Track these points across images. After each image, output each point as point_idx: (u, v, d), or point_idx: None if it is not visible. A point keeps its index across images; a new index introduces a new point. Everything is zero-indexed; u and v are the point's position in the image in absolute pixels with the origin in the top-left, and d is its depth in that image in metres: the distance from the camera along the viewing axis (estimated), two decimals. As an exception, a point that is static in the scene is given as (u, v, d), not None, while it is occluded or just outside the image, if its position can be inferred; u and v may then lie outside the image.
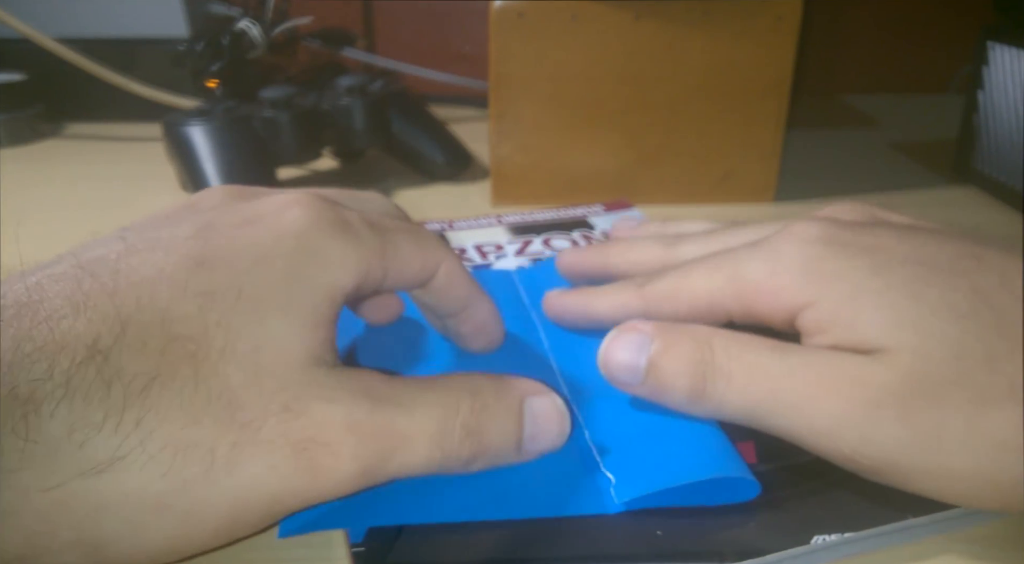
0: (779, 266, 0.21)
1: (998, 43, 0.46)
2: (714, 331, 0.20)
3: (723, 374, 0.19)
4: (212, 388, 0.17)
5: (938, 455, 0.18)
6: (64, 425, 0.15)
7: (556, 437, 0.21)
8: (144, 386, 0.16)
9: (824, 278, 0.20)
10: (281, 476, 0.17)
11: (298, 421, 0.17)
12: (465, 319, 0.24)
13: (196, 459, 0.16)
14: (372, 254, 0.20)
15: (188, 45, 0.59)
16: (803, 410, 0.19)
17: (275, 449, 0.17)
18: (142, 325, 0.17)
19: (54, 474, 0.15)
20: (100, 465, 0.15)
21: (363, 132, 0.48)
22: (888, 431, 0.18)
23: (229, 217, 0.19)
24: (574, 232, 0.40)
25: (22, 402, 0.15)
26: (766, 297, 0.21)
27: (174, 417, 0.16)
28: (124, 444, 0.16)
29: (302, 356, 0.18)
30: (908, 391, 0.18)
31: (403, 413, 0.18)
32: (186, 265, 0.18)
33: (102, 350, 0.16)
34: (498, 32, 0.42)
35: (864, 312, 0.19)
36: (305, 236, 0.19)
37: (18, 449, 0.15)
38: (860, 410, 0.18)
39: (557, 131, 0.44)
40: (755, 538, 0.19)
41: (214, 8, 0.65)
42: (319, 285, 0.19)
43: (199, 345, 0.17)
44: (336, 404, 0.17)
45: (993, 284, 0.19)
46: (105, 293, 0.17)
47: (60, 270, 0.17)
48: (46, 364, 0.15)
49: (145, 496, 0.16)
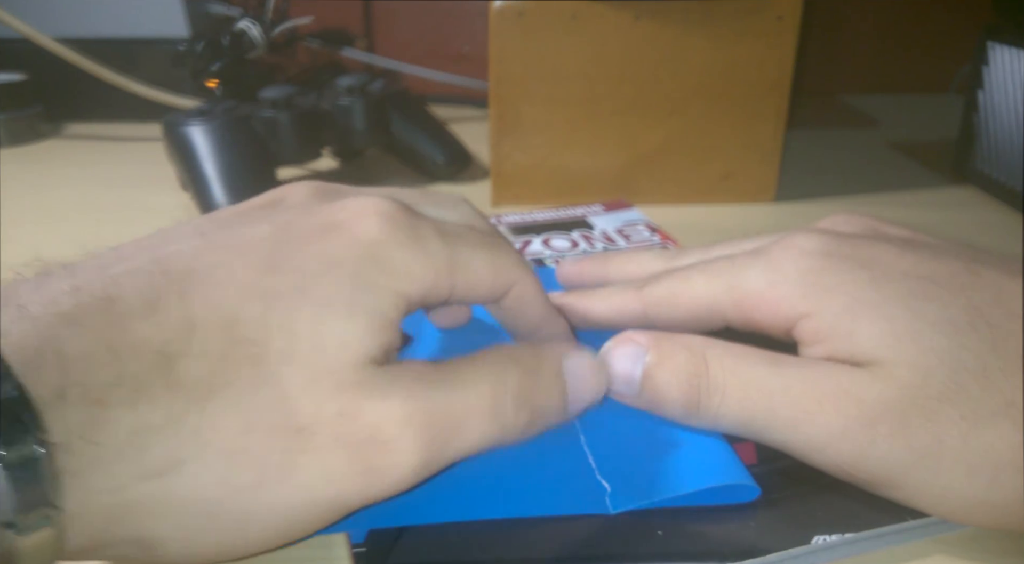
0: (778, 277, 0.21)
1: (998, 43, 0.46)
2: (710, 343, 0.20)
3: (718, 387, 0.19)
4: (270, 393, 0.17)
5: (935, 472, 0.18)
6: (128, 429, 0.16)
7: (595, 391, 0.21)
8: (206, 392, 0.16)
9: (823, 290, 0.20)
10: (337, 481, 0.17)
11: (353, 424, 0.17)
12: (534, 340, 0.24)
13: (250, 466, 0.16)
14: (440, 269, 0.20)
15: (188, 45, 0.59)
16: (800, 425, 0.19)
17: (330, 455, 0.17)
18: (209, 329, 0.17)
19: (117, 477, 0.15)
20: (159, 469, 0.16)
21: (363, 132, 0.48)
22: (885, 446, 0.18)
23: (307, 220, 0.19)
24: (574, 232, 0.40)
25: (92, 406, 0.15)
26: (765, 306, 0.21)
27: (231, 423, 0.16)
28: (181, 449, 0.16)
29: (360, 358, 0.18)
30: (905, 406, 0.18)
31: (456, 395, 0.18)
32: (257, 269, 0.18)
33: (170, 355, 0.16)
34: (498, 32, 0.42)
35: (862, 324, 0.19)
36: (376, 245, 0.19)
37: (85, 451, 0.15)
38: (856, 425, 0.18)
39: (557, 131, 0.44)
40: (755, 538, 0.19)
41: (214, 8, 0.65)
42: (383, 291, 0.19)
43: (261, 348, 0.17)
44: (390, 400, 0.17)
45: (989, 301, 0.19)
46: (177, 294, 0.17)
47: (137, 263, 0.18)
48: (117, 368, 0.16)
49: (199, 501, 0.16)
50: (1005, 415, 0.18)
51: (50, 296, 0.16)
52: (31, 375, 0.15)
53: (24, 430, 0.14)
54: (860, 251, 0.21)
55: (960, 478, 0.18)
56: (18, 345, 0.15)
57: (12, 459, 0.14)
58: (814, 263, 0.21)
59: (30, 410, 0.14)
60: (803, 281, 0.21)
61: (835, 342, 0.20)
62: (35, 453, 0.14)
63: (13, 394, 0.14)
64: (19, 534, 0.14)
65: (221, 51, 0.59)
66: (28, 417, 0.14)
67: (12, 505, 0.14)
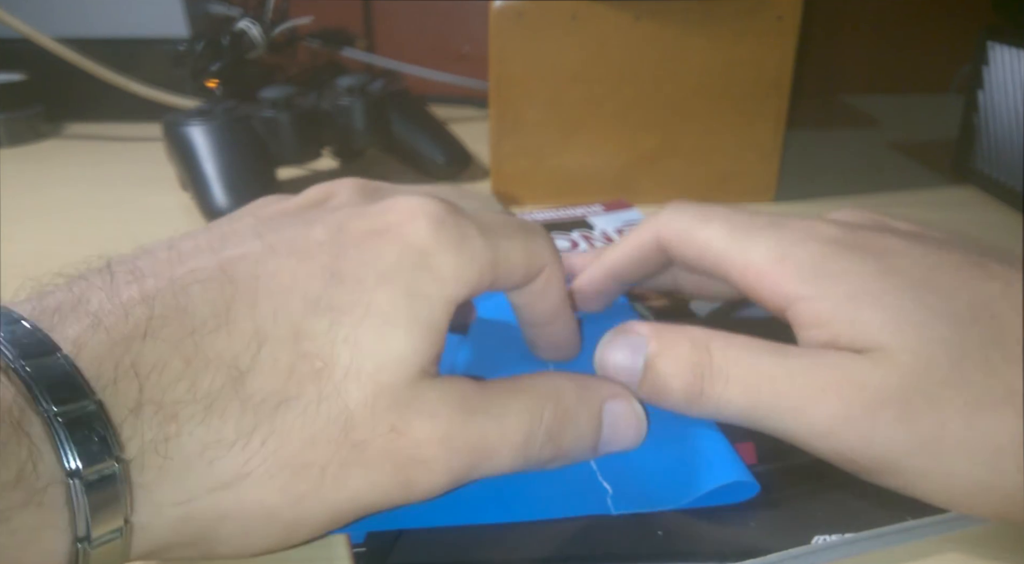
0: (787, 255, 0.21)
1: (998, 43, 0.46)
2: (712, 333, 0.20)
3: (721, 377, 0.19)
4: (332, 408, 0.17)
5: (937, 457, 0.18)
6: (199, 444, 0.16)
7: (632, 440, 0.21)
8: (274, 406, 0.17)
9: (828, 275, 0.20)
10: (380, 491, 0.18)
11: (401, 440, 0.18)
12: (543, 333, 0.24)
13: (310, 477, 0.17)
14: (485, 266, 0.20)
15: (188, 45, 0.59)
16: (803, 412, 0.19)
17: (378, 467, 0.17)
18: (276, 341, 0.17)
19: (185, 490, 0.16)
20: (227, 481, 0.16)
21: (363, 132, 0.48)
22: (888, 432, 0.18)
23: (359, 223, 0.20)
24: (574, 232, 0.40)
25: (166, 422, 0.16)
26: (768, 280, 0.21)
27: (295, 438, 0.17)
28: (249, 462, 0.16)
29: (415, 374, 0.18)
30: (908, 392, 0.18)
31: (494, 425, 0.19)
32: (320, 276, 0.18)
33: (241, 369, 0.17)
34: (498, 32, 0.42)
35: (865, 311, 0.19)
36: (427, 253, 0.19)
37: (156, 466, 0.15)
38: (860, 411, 0.18)
39: (557, 131, 0.44)
40: (755, 538, 0.19)
41: (214, 8, 0.65)
42: (435, 301, 0.19)
43: (326, 363, 0.17)
44: (436, 420, 0.18)
45: (995, 293, 0.19)
46: (246, 305, 0.17)
47: (202, 267, 0.18)
48: (189, 383, 0.16)
49: (261, 508, 0.17)
50: (1008, 403, 0.18)
51: (122, 305, 0.16)
52: (109, 390, 0.15)
53: (103, 447, 0.15)
54: (868, 242, 0.21)
55: (962, 464, 0.18)
56: (96, 359, 0.15)
57: (90, 476, 0.14)
58: (823, 249, 0.21)
59: (108, 427, 0.15)
60: (811, 263, 0.21)
61: (836, 327, 0.19)
62: (112, 469, 0.15)
63: (91, 409, 0.15)
64: (91, 547, 0.14)
65: (221, 51, 0.59)
66: (106, 433, 0.15)
67: (87, 520, 0.14)
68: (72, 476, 0.14)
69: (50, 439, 0.14)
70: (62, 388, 0.15)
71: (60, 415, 0.14)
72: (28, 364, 0.15)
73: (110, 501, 0.15)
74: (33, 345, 0.15)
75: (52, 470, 0.14)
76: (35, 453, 0.14)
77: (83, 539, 0.14)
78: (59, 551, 0.14)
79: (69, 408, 0.14)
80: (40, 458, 0.14)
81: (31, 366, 0.15)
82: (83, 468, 0.14)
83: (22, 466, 0.14)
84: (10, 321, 0.16)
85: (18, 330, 0.15)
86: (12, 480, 0.14)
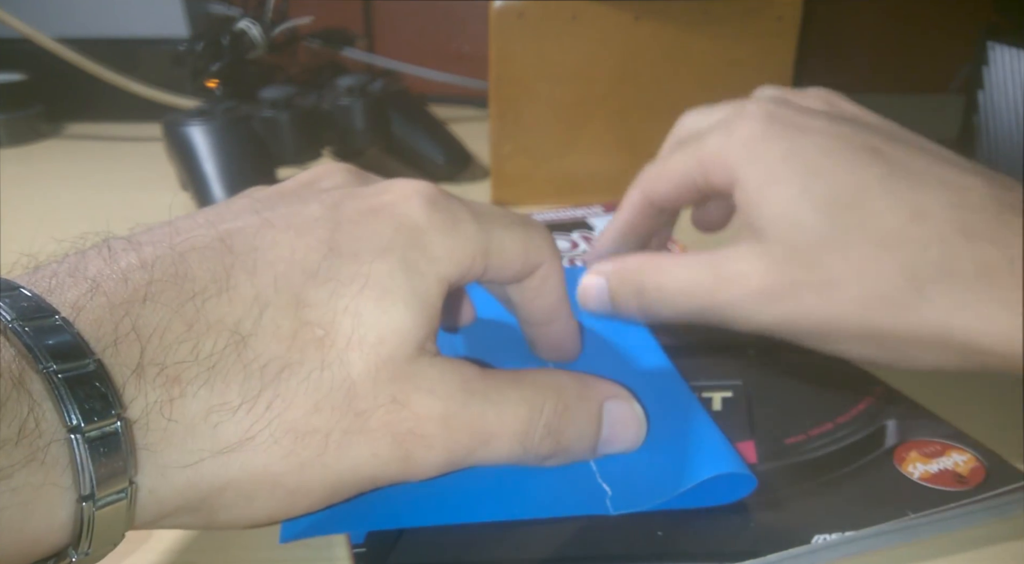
0: (729, 140, 0.22)
1: (998, 43, 0.46)
2: (648, 257, 0.24)
3: (654, 288, 0.23)
4: (335, 375, 0.17)
5: (828, 287, 0.20)
6: (203, 406, 0.16)
7: (631, 442, 0.21)
8: (277, 371, 0.17)
9: (754, 159, 0.22)
10: (381, 462, 0.18)
11: (402, 412, 0.18)
12: (543, 333, 0.25)
13: (313, 443, 0.17)
14: (476, 251, 0.20)
15: (188, 45, 0.59)
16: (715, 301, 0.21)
17: (379, 438, 0.18)
18: (278, 308, 0.17)
19: (190, 453, 0.16)
20: (231, 446, 0.16)
21: (363, 132, 0.48)
22: (772, 311, 0.20)
23: (355, 202, 0.20)
24: (574, 233, 0.40)
25: (169, 384, 0.16)
26: (717, 168, 0.23)
27: (299, 403, 0.17)
28: (254, 426, 0.16)
29: (415, 346, 0.18)
30: (788, 274, 0.20)
31: (493, 410, 0.19)
32: (318, 249, 0.18)
33: (243, 334, 0.17)
34: (498, 32, 0.42)
35: (765, 200, 0.21)
36: (420, 230, 0.19)
37: (161, 428, 0.15)
38: (752, 298, 0.21)
39: (557, 131, 0.44)
40: (755, 538, 0.19)
41: (214, 8, 0.65)
42: (429, 277, 0.19)
43: (327, 331, 0.17)
44: (436, 397, 0.18)
45: (899, 166, 0.21)
46: (245, 272, 0.17)
47: (200, 236, 0.18)
48: (192, 345, 0.16)
49: (265, 475, 0.17)
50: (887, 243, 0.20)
51: (120, 271, 0.16)
52: (109, 351, 0.15)
53: (105, 405, 0.14)
54: (795, 119, 0.22)
55: (848, 275, 0.20)
56: (95, 321, 0.15)
57: (92, 433, 0.14)
58: (755, 127, 0.22)
59: (109, 385, 0.15)
60: (744, 147, 0.22)
61: (747, 212, 0.22)
62: (114, 427, 0.15)
63: (91, 368, 0.15)
64: (96, 507, 0.14)
65: (221, 51, 0.59)
66: (108, 392, 0.15)
67: (91, 478, 0.14)
68: (73, 431, 0.14)
69: (51, 396, 0.14)
70: (61, 348, 0.15)
71: (60, 372, 0.14)
72: (27, 325, 0.15)
73: (114, 459, 0.15)
74: (31, 309, 0.15)
75: (54, 427, 0.14)
76: (36, 410, 0.14)
77: (87, 497, 0.14)
78: (63, 513, 0.14)
79: (69, 366, 0.14)
80: (42, 415, 0.14)
81: (30, 327, 0.15)
82: (84, 424, 0.14)
83: (23, 423, 0.14)
84: (9, 288, 0.16)
85: (16, 296, 0.15)
86: (14, 437, 0.14)
